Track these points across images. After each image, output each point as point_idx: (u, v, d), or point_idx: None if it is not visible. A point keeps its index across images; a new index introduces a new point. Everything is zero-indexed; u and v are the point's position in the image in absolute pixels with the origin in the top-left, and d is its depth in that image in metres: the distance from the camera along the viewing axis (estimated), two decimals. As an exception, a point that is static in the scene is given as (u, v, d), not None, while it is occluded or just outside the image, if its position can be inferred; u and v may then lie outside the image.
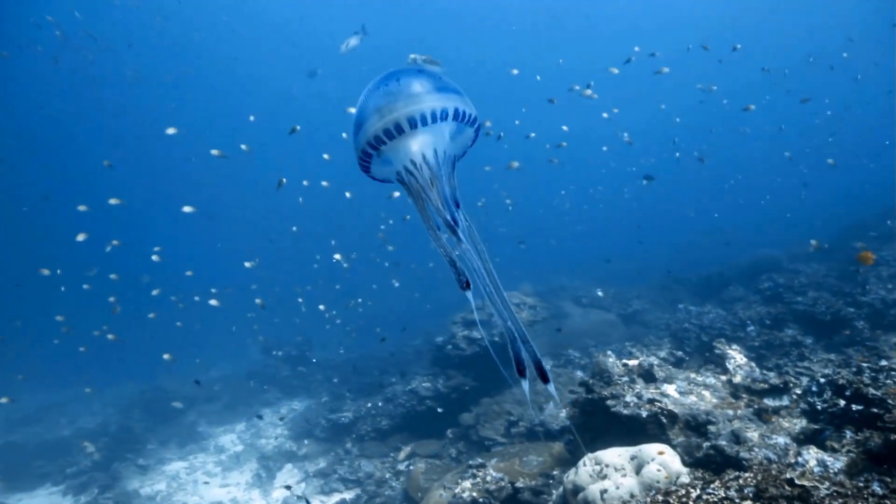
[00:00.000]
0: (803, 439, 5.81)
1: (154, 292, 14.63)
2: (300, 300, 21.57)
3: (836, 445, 5.38)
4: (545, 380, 2.34)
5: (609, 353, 7.36)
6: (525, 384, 2.35)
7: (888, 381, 6.23)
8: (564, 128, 15.03)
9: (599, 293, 18.12)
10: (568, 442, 7.63)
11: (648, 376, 6.83)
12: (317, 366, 20.76)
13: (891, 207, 18.23)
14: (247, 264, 14.80)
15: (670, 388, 6.48)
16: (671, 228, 36.32)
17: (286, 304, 27.62)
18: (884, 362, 7.10)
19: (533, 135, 14.10)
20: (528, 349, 2.40)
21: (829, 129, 34.72)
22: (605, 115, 16.66)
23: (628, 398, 6.32)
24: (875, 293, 11.04)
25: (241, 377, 20.96)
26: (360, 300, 21.64)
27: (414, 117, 2.52)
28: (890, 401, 5.41)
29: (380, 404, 13.31)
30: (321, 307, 18.57)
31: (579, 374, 11.57)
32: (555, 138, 14.79)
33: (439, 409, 11.75)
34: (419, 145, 2.66)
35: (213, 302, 13.78)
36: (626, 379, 6.71)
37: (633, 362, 7.00)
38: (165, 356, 11.64)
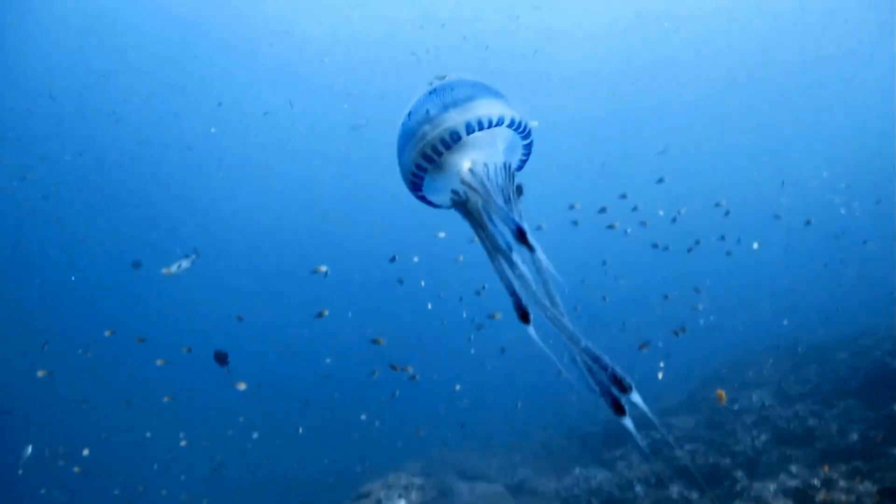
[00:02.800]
0: None
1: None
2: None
3: None
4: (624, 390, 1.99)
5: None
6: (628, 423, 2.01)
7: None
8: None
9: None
10: None
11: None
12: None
13: (741, 359, 19.81)
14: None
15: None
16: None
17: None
18: (776, 514, 7.33)
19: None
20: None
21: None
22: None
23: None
24: (745, 442, 11.63)
25: None
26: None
27: (458, 129, 2.37)
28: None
29: None
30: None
31: (476, 555, 10.98)
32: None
33: None
34: (470, 161, 2.49)
35: None
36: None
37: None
38: None
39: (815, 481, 8.30)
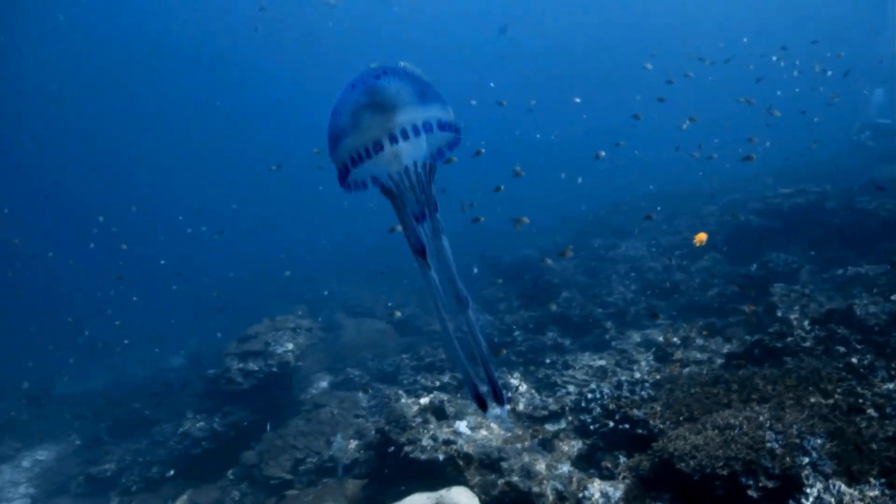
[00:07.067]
0: (582, 463, 6.33)
1: None
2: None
3: (609, 466, 5.95)
4: (500, 402, 2.42)
5: (401, 393, 7.40)
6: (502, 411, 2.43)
7: (643, 393, 7.02)
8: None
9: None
10: (364, 486, 7.53)
11: (440, 413, 6.99)
12: (62, 402, 18.30)
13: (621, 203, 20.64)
14: None
15: (462, 425, 6.68)
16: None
17: (17, 331, 24.01)
18: (637, 374, 8.03)
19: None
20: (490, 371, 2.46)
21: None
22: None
23: (424, 441, 6.40)
24: (617, 293, 12.46)
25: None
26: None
27: (394, 133, 2.30)
28: (651, 422, 6.10)
29: (146, 448, 12.17)
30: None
31: (361, 395, 11.54)
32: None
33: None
34: (401, 155, 2.50)
35: None
36: (419, 420, 6.79)
37: (424, 400, 7.11)
38: None
39: (675, 339, 9.05)
